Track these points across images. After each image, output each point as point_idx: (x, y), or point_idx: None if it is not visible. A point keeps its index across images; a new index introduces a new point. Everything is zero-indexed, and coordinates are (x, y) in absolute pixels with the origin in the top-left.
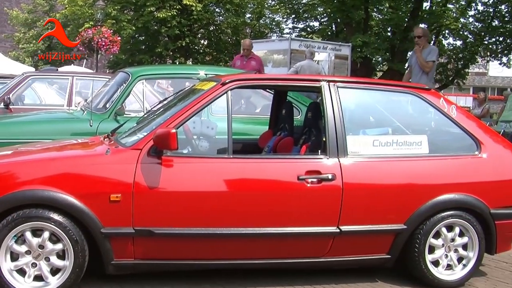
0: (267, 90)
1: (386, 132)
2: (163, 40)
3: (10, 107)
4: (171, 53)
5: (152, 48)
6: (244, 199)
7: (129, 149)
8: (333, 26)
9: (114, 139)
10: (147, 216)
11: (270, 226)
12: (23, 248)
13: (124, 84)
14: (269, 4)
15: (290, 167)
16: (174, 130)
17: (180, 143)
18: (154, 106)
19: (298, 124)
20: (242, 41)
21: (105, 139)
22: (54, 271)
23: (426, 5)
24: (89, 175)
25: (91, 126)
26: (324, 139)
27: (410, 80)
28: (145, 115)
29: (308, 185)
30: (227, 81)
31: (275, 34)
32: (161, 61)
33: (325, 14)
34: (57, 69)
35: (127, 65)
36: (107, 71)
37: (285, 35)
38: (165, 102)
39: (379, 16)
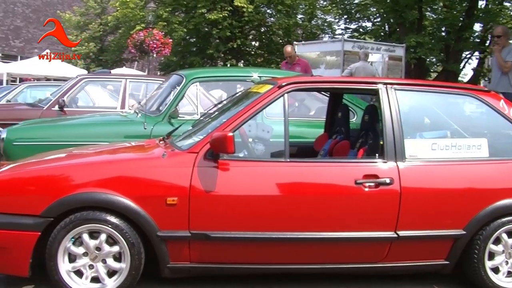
0: (322, 92)
1: (445, 135)
2: (214, 42)
3: (65, 109)
4: (222, 55)
5: (203, 50)
6: (301, 203)
7: (185, 152)
8: (386, 26)
9: (170, 142)
10: (203, 220)
11: (327, 231)
12: (80, 250)
13: (177, 87)
14: (320, 5)
15: (347, 171)
16: (231, 134)
17: (236, 147)
18: (210, 109)
19: (353, 127)
20: (284, 48)
21: (161, 142)
22: (111, 273)
23: (481, 3)
24: (146, 178)
25: (145, 128)
26: (381, 142)
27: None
28: (201, 118)
29: (366, 189)
30: (283, 84)
31: (327, 35)
32: (212, 63)
33: (377, 14)
34: (110, 72)
35: (178, 67)
36: (158, 73)
37: (337, 36)
38: (220, 105)
39: (433, 15)
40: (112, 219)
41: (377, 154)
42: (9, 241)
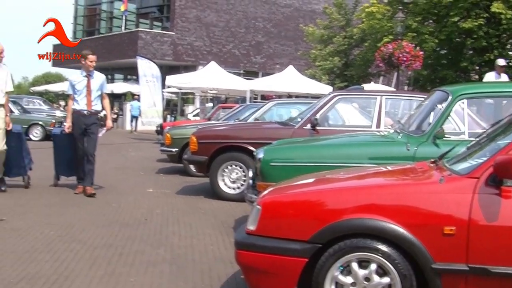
0: None
1: None
2: (468, 53)
3: (317, 128)
4: (477, 67)
5: (455, 63)
6: None
7: (464, 177)
8: None
9: (443, 165)
10: (483, 253)
11: None
12: (348, 280)
13: (442, 104)
14: None
15: None
16: None
17: None
18: (488, 129)
19: None
20: None
21: (432, 165)
22: None
23: None
24: (422, 204)
25: (408, 150)
26: None
27: None
28: (477, 139)
29: None
30: None
31: None
32: (465, 76)
33: None
34: (363, 88)
35: (428, 82)
36: (406, 88)
37: None
38: (495, 126)
39: None
40: (384, 248)
41: None
42: (276, 266)
